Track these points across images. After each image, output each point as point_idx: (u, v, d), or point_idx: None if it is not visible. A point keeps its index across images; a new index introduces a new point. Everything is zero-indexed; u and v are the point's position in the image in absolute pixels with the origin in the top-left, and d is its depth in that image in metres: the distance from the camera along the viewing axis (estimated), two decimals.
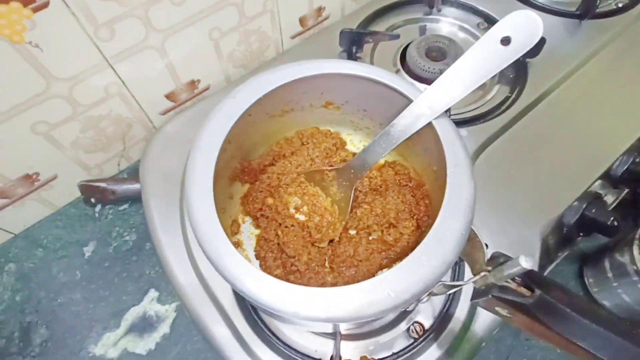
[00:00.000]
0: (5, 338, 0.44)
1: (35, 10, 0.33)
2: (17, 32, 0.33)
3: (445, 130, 0.27)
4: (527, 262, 0.20)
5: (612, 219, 0.40)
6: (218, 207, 0.26)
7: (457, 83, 0.27)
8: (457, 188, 0.25)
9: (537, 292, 0.22)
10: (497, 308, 0.24)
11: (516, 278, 0.23)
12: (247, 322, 0.36)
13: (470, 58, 0.26)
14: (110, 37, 0.40)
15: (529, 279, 0.23)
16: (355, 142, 0.39)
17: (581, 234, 0.44)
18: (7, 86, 0.36)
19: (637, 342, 0.20)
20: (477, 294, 0.24)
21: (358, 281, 0.23)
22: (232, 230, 0.35)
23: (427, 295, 0.24)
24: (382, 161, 0.37)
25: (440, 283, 0.23)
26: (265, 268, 0.33)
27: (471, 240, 0.25)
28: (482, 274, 0.23)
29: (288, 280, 0.27)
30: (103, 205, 0.52)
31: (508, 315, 0.24)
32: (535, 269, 0.37)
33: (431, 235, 0.23)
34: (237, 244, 0.35)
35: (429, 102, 0.28)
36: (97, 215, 0.51)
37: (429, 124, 0.28)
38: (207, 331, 0.37)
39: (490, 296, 0.23)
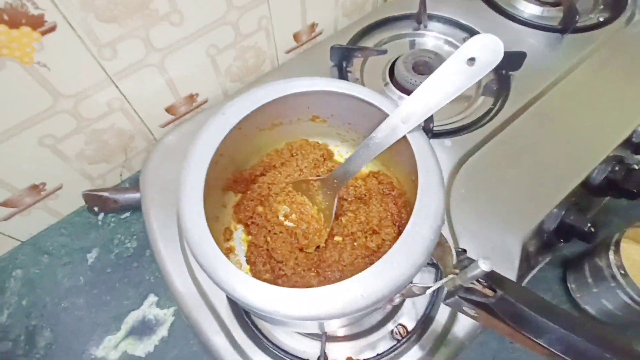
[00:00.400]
0: (12, 341, 0.46)
1: (44, 33, 0.36)
2: (26, 54, 0.36)
3: (418, 142, 0.30)
4: (485, 265, 0.22)
5: (589, 225, 0.41)
6: (211, 216, 0.28)
7: (428, 98, 0.29)
8: (427, 195, 0.27)
9: (499, 292, 0.24)
10: (465, 308, 0.26)
11: (481, 280, 0.25)
12: (242, 327, 0.38)
13: (439, 76, 0.28)
14: (112, 56, 0.42)
15: (491, 280, 0.25)
16: (342, 153, 0.41)
17: (562, 240, 0.46)
18: (17, 103, 0.39)
19: (589, 338, 0.22)
20: (447, 295, 0.26)
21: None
22: (225, 237, 0.37)
23: (400, 296, 0.26)
24: (366, 171, 0.40)
25: (411, 285, 0.25)
26: (255, 273, 0.35)
27: (441, 245, 0.27)
28: (451, 276, 0.25)
29: (276, 284, 0.29)
30: (106, 214, 0.54)
31: (475, 315, 0.25)
32: (514, 274, 0.39)
33: (402, 239, 0.25)
34: (229, 250, 0.37)
35: (403, 116, 0.30)
36: (100, 223, 0.54)
37: (404, 137, 0.30)
38: (203, 337, 0.39)
39: (457, 297, 0.25)
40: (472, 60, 0.27)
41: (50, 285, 0.50)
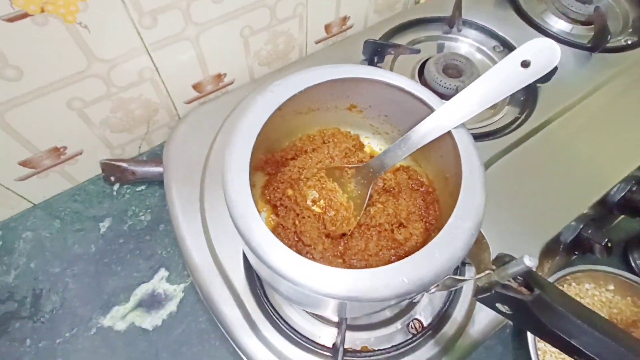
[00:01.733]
0: (17, 302, 0.46)
1: None
2: (71, 12, 0.36)
3: (463, 139, 0.30)
4: (531, 261, 0.22)
5: (606, 240, 0.42)
6: None
7: (476, 97, 0.29)
8: (470, 192, 0.27)
9: (536, 291, 0.24)
10: (497, 304, 0.26)
11: (517, 278, 0.25)
12: (257, 304, 0.38)
13: (491, 76, 0.29)
14: (152, 25, 0.42)
15: (528, 279, 0.25)
16: (373, 146, 0.42)
17: (576, 252, 0.46)
18: (53, 62, 0.38)
19: (623, 343, 0.23)
20: (480, 291, 0.27)
21: None
22: None
23: (435, 287, 0.27)
24: (397, 165, 0.40)
25: (449, 277, 0.26)
26: None
27: (478, 241, 0.27)
28: (487, 272, 0.26)
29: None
30: (121, 185, 0.54)
31: (507, 311, 0.26)
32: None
33: (445, 231, 0.25)
34: None
35: (449, 113, 0.30)
36: (114, 193, 0.53)
37: (448, 133, 0.31)
38: (216, 310, 0.39)
39: (493, 292, 0.25)
40: (526, 63, 0.28)
41: (60, 250, 0.49)
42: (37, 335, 0.44)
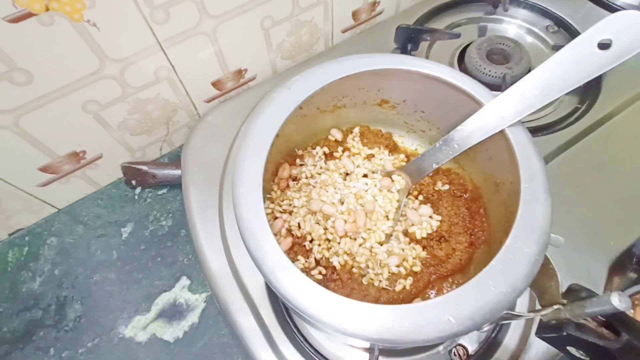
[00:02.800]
0: (42, 310, 0.45)
1: None
2: (77, 9, 0.33)
3: (520, 140, 0.25)
4: (622, 303, 0.17)
5: None
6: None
7: (537, 89, 0.24)
8: (532, 205, 0.22)
9: (624, 336, 0.19)
10: (569, 347, 0.21)
11: (598, 317, 0.20)
12: (277, 318, 0.35)
13: (558, 61, 0.23)
14: (164, 20, 0.39)
15: (613, 319, 0.20)
16: (407, 145, 0.37)
17: None
18: (63, 63, 0.37)
19: None
20: (545, 329, 0.22)
21: (403, 295, 0.21)
22: None
23: (490, 323, 0.22)
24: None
25: (506, 312, 0.21)
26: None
27: (543, 267, 0.22)
28: (556, 307, 0.21)
29: (327, 287, 0.25)
30: (143, 188, 0.52)
31: (583, 357, 0.21)
32: None
33: (500, 256, 0.20)
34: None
35: (502, 108, 0.25)
36: (136, 197, 0.52)
37: (501, 132, 0.25)
38: (234, 321, 0.36)
39: (564, 333, 0.20)
40: (606, 43, 0.22)
41: (83, 256, 0.48)
42: (60, 345, 0.43)
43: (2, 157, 0.40)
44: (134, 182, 0.51)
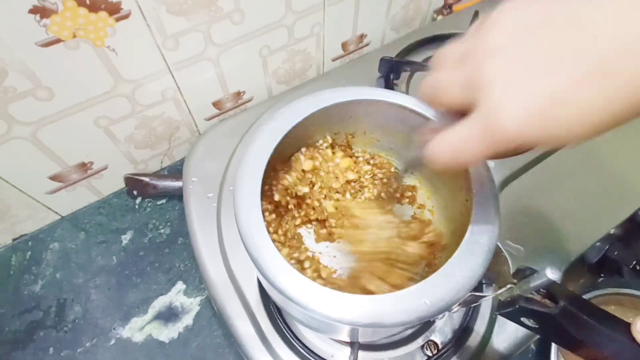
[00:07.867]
0: (43, 311, 0.48)
1: (118, 19, 0.38)
2: (100, 37, 0.38)
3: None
4: (554, 274, 0.22)
5: (634, 262, 0.40)
6: None
7: None
8: (483, 204, 0.27)
9: (562, 302, 0.23)
10: (522, 319, 0.25)
11: (541, 290, 0.24)
12: (271, 321, 0.38)
13: None
14: (175, 48, 0.44)
15: (552, 291, 0.24)
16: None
17: (602, 275, 0.44)
18: (82, 83, 0.41)
19: None
20: (502, 306, 0.26)
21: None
22: None
23: (457, 305, 0.26)
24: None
25: (471, 294, 0.25)
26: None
27: (496, 255, 0.27)
28: (508, 286, 0.25)
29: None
30: (143, 198, 0.55)
31: (533, 325, 0.25)
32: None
33: (462, 249, 0.25)
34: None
35: None
36: (136, 207, 0.55)
37: None
38: (231, 325, 0.39)
39: (517, 307, 0.25)
40: None
41: (84, 261, 0.51)
42: (59, 345, 0.46)
43: (17, 165, 0.44)
44: (135, 192, 0.55)
